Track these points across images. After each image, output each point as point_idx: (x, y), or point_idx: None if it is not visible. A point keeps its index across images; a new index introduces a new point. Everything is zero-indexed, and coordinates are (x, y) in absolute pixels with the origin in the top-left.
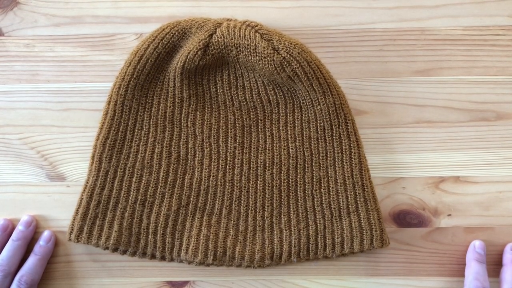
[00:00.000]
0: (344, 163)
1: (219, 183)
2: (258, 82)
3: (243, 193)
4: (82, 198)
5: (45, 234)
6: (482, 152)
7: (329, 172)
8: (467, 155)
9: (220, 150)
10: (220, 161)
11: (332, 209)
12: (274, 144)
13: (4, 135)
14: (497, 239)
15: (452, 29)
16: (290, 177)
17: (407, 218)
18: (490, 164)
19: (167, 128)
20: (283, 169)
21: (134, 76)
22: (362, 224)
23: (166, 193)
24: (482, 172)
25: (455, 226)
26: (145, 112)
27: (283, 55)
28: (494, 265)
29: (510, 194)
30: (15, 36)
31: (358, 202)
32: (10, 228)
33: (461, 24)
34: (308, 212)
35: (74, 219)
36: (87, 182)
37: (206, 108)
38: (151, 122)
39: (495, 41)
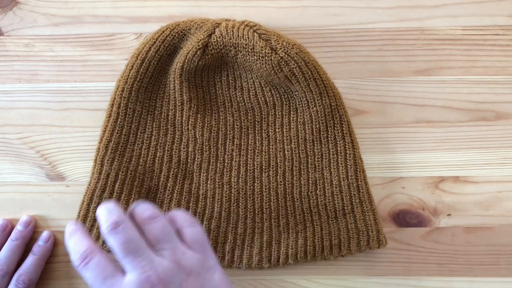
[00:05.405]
0: (339, 165)
1: (217, 185)
2: (255, 83)
3: (241, 195)
4: (84, 201)
5: (44, 234)
6: (482, 152)
7: (325, 174)
8: (467, 155)
9: (219, 152)
10: (218, 163)
11: (328, 210)
12: (270, 146)
13: (3, 135)
14: (497, 239)
15: (452, 29)
16: (286, 179)
17: (406, 218)
18: (490, 164)
19: (169, 132)
20: (279, 171)
21: (138, 79)
22: (358, 225)
23: (165, 199)
24: (481, 172)
25: (455, 226)
26: (149, 115)
27: (281, 55)
28: (494, 265)
29: (510, 194)
30: (15, 35)
31: (354, 203)
32: (9, 228)
33: (461, 24)
34: (305, 214)
35: None
36: (89, 185)
37: (207, 111)
38: (154, 125)
39: (495, 41)
